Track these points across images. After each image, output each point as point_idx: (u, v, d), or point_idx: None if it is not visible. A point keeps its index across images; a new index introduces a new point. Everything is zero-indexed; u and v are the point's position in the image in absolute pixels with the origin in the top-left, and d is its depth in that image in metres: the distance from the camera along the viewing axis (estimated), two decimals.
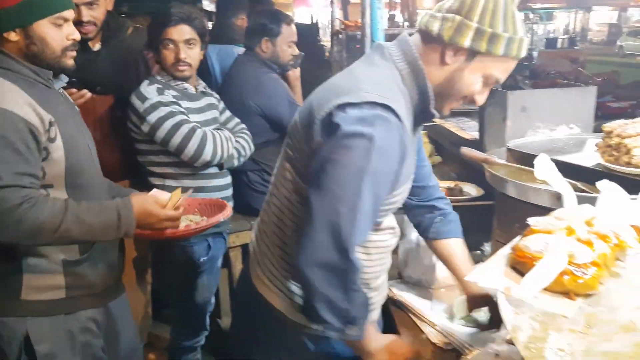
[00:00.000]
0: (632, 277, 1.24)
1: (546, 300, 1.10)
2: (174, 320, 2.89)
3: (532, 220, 1.38)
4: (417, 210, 1.80)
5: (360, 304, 1.33)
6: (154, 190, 1.98)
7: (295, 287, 1.42)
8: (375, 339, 1.43)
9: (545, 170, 1.26)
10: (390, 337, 1.49)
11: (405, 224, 2.07)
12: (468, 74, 1.32)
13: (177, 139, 2.32)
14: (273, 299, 1.48)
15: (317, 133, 1.29)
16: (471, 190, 2.71)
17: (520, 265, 1.21)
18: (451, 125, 3.54)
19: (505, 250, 1.32)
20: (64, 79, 1.97)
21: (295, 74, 3.21)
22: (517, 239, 1.31)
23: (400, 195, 1.46)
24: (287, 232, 1.44)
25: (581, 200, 1.44)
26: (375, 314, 1.63)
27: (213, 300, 2.88)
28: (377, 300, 1.62)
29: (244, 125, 2.69)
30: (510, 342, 1.39)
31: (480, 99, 1.40)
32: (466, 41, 1.26)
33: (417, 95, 1.35)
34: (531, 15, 19.28)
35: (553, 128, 2.43)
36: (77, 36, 1.69)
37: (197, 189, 2.45)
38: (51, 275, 1.67)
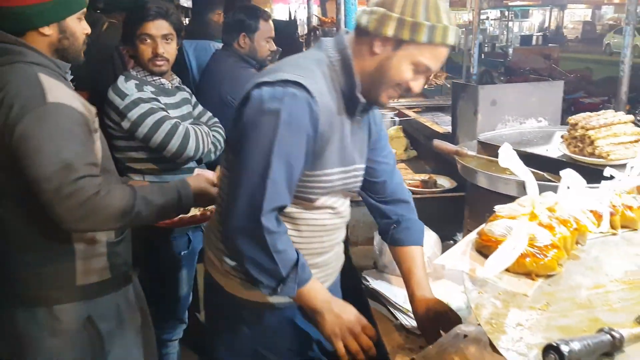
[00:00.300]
0: (589, 259, 1.31)
1: (508, 281, 1.16)
2: (153, 314, 2.90)
3: (497, 207, 1.45)
4: (375, 212, 1.84)
5: (287, 264, 1.44)
6: (197, 169, 2.09)
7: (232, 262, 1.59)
8: (322, 298, 1.52)
9: (508, 159, 1.32)
10: (342, 302, 1.57)
11: None
12: (397, 62, 1.42)
13: (159, 136, 2.32)
14: (222, 281, 1.63)
15: (239, 109, 1.45)
16: (445, 182, 2.78)
17: (485, 249, 1.26)
18: (426, 119, 3.61)
19: (471, 236, 1.37)
20: None
21: None
22: (482, 225, 1.36)
23: (337, 177, 1.54)
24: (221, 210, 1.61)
25: (547, 189, 1.50)
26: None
27: (191, 294, 2.91)
28: (321, 276, 1.68)
29: (216, 119, 2.71)
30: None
31: (416, 86, 1.48)
32: (390, 31, 1.37)
33: (345, 81, 1.47)
34: (506, 13, 19.52)
35: (522, 121, 2.51)
36: (89, 30, 1.79)
37: None
38: (98, 258, 1.76)
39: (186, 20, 4.84)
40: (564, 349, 0.85)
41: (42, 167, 1.49)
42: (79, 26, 1.72)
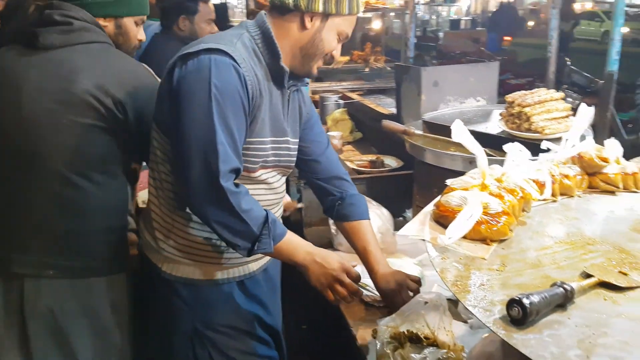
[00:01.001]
0: (535, 224, 1.42)
1: (467, 246, 1.25)
2: None
3: (449, 181, 1.54)
4: (319, 191, 1.91)
5: (257, 221, 1.48)
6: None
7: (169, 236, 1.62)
8: (303, 251, 1.60)
9: (460, 134, 1.41)
10: (324, 251, 1.64)
11: None
12: (326, 34, 1.56)
13: None
14: (159, 261, 1.65)
15: (166, 86, 1.49)
16: (391, 162, 2.88)
17: (442, 219, 1.35)
18: (370, 102, 3.70)
19: (428, 208, 1.46)
20: None
21: None
22: (438, 197, 1.45)
23: (269, 147, 1.60)
24: (160, 188, 1.61)
25: (491, 163, 1.61)
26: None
27: None
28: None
29: None
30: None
31: (338, 54, 1.64)
32: (320, 6, 1.50)
33: (268, 52, 1.55)
34: None
35: (462, 101, 2.64)
36: (144, 38, 1.90)
37: None
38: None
39: None
40: (526, 301, 0.94)
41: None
42: (134, 29, 1.82)
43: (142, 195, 2.08)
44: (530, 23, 21.06)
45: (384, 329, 1.53)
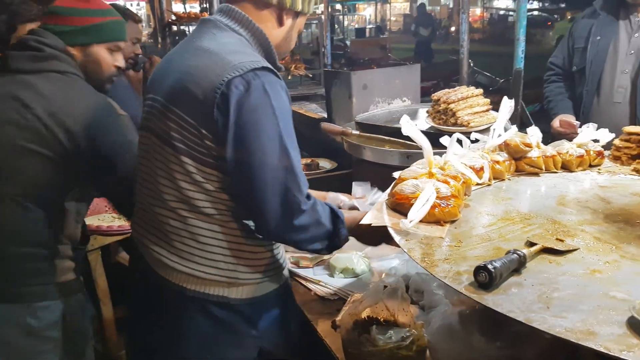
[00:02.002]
0: (477, 206, 1.58)
1: (425, 229, 1.37)
2: None
3: (396, 173, 1.66)
4: None
5: (334, 222, 1.51)
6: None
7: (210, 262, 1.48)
8: (354, 228, 1.58)
9: (409, 128, 1.53)
10: (354, 215, 1.63)
11: None
12: (294, 31, 1.59)
13: None
14: (184, 279, 1.49)
15: (214, 116, 1.34)
16: (326, 164, 2.99)
17: (399, 206, 1.46)
18: (297, 108, 3.80)
19: (382, 198, 1.57)
20: None
21: (137, 76, 3.17)
22: (390, 187, 1.57)
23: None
24: (194, 212, 1.45)
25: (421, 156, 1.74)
26: None
27: None
28: None
29: None
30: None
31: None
32: (299, 5, 1.54)
33: (265, 55, 1.51)
34: (339, 7, 20.62)
35: (390, 102, 2.81)
36: (122, 64, 1.87)
37: None
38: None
39: None
40: (490, 267, 1.06)
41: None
42: (107, 57, 1.79)
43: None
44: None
45: (347, 317, 1.62)
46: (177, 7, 13.82)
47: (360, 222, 1.47)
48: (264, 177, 1.34)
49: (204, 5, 12.71)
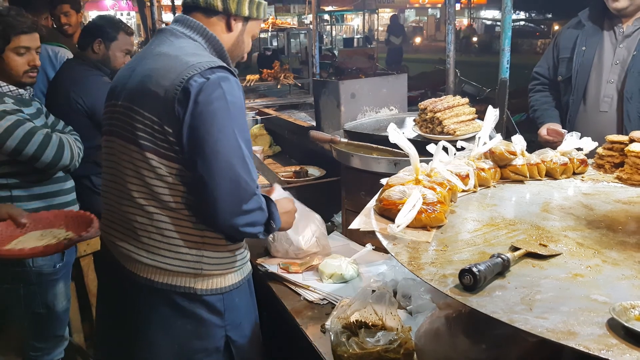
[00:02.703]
0: (462, 212, 1.61)
1: (411, 233, 1.39)
2: (30, 334, 2.69)
3: (384, 180, 1.69)
4: None
5: (270, 209, 1.61)
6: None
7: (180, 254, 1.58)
8: (281, 211, 1.71)
9: (396, 136, 1.56)
10: (280, 202, 1.75)
11: None
12: (246, 36, 1.70)
13: (32, 147, 2.24)
14: (151, 272, 1.58)
15: (175, 111, 1.45)
16: (315, 171, 3.02)
17: (386, 212, 1.49)
18: (287, 116, 3.82)
19: (371, 204, 1.60)
20: None
21: None
22: (378, 193, 1.59)
23: None
24: (158, 207, 1.55)
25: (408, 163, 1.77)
26: None
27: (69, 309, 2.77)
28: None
29: (70, 127, 2.64)
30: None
31: (246, 55, 1.78)
32: (246, 10, 1.65)
33: (219, 59, 1.59)
34: (327, 17, 20.77)
35: (377, 110, 2.84)
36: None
37: (51, 194, 2.42)
38: None
39: None
40: (475, 270, 1.09)
41: None
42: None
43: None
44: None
45: (336, 321, 1.64)
46: (167, 17, 13.84)
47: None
48: (217, 164, 1.45)
49: None
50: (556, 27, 21.17)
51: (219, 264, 1.61)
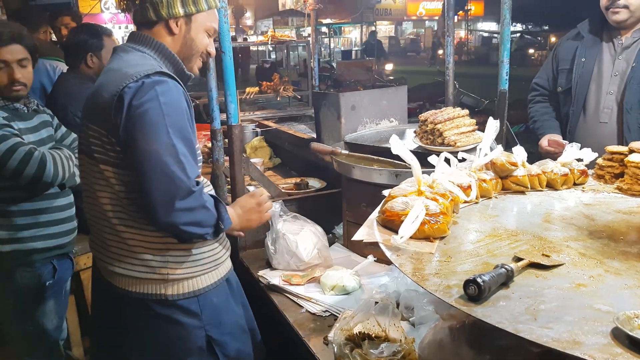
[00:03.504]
0: (465, 223, 1.62)
1: (415, 245, 1.40)
2: (24, 351, 2.67)
3: (386, 191, 1.70)
4: None
5: (218, 210, 1.63)
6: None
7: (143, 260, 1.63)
8: (235, 215, 1.76)
9: (398, 147, 1.57)
10: (239, 202, 1.83)
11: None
12: (194, 33, 1.69)
13: (13, 163, 2.20)
14: (125, 283, 1.65)
15: (113, 118, 1.51)
16: (315, 183, 3.03)
17: (389, 223, 1.50)
18: (287, 128, 3.84)
19: (373, 215, 1.60)
20: None
21: None
22: (380, 205, 1.60)
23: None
24: (118, 217, 1.62)
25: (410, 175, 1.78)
26: None
27: (65, 327, 2.75)
28: None
29: None
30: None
31: (212, 50, 1.78)
32: (179, 10, 1.65)
33: (170, 65, 1.67)
34: (324, 29, 20.91)
35: (378, 122, 2.85)
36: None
37: (39, 211, 2.38)
38: None
39: None
40: (479, 280, 1.10)
41: None
42: None
43: None
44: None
45: (339, 333, 1.64)
46: None
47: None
48: (148, 162, 1.48)
49: None
50: (553, 39, 21.36)
51: (185, 267, 1.65)
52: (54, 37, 4.35)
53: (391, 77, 12.33)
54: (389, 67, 15.13)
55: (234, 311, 1.79)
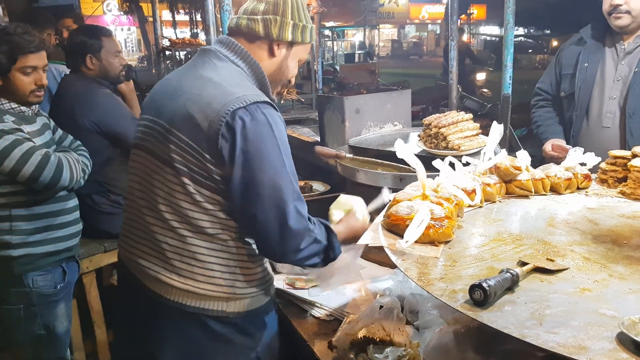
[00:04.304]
0: (469, 227, 1.62)
1: (420, 249, 1.41)
2: (31, 356, 2.68)
3: (391, 195, 1.70)
4: None
5: (329, 238, 1.59)
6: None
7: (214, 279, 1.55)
8: (342, 236, 1.69)
9: (403, 151, 1.58)
10: (350, 224, 1.76)
11: None
12: (290, 60, 1.66)
13: (29, 168, 2.19)
14: (183, 297, 1.54)
15: (218, 143, 1.42)
16: (319, 187, 3.03)
17: (394, 227, 1.50)
18: (291, 131, 3.85)
19: (378, 220, 1.61)
20: None
21: (129, 86, 3.20)
22: (385, 209, 1.61)
23: None
24: (190, 231, 1.51)
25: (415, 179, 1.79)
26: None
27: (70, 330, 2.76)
28: None
29: (79, 142, 2.63)
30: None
31: (293, 79, 1.76)
32: (289, 35, 1.60)
33: (258, 87, 1.60)
34: (327, 32, 20.93)
35: (382, 126, 2.86)
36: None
37: (51, 214, 2.38)
38: None
39: None
40: (485, 285, 1.10)
41: None
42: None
43: None
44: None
45: (344, 337, 1.64)
46: (168, 32, 13.95)
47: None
48: (269, 202, 1.44)
49: (195, 31, 12.85)
50: (555, 43, 21.34)
51: (250, 286, 1.59)
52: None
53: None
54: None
55: (277, 329, 1.75)
